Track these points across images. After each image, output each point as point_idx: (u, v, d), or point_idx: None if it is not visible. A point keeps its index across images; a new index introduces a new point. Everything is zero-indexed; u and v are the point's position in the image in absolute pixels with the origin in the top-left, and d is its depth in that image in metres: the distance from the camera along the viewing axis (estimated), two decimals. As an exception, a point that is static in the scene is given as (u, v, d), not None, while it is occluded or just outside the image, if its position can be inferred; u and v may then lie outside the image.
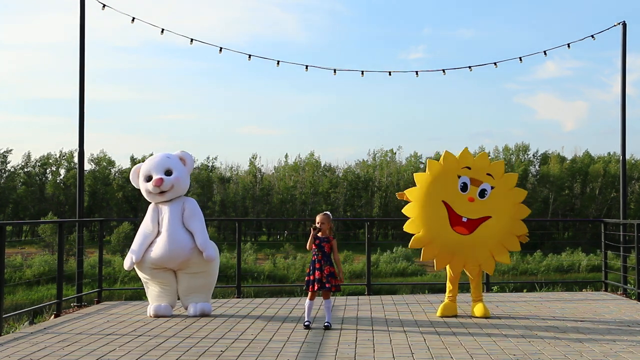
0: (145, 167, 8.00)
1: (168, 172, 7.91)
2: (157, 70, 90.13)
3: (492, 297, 9.41)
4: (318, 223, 7.16)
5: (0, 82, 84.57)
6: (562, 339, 6.42)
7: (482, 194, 7.67)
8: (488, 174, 7.73)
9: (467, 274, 7.74)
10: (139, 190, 8.14)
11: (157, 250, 7.67)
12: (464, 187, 7.71)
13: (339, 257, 7.28)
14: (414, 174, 8.12)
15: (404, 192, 7.93)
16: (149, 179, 7.90)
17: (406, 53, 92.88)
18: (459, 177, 7.74)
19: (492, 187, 7.68)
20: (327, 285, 7.03)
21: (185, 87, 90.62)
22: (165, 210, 7.84)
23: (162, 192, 7.83)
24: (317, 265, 7.08)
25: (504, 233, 7.64)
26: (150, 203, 8.00)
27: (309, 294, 7.14)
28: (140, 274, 7.91)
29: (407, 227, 7.75)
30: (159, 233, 7.80)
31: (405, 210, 7.82)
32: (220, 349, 5.97)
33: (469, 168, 7.76)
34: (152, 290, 7.94)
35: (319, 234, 7.15)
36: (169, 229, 7.71)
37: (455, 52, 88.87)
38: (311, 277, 7.09)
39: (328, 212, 7.36)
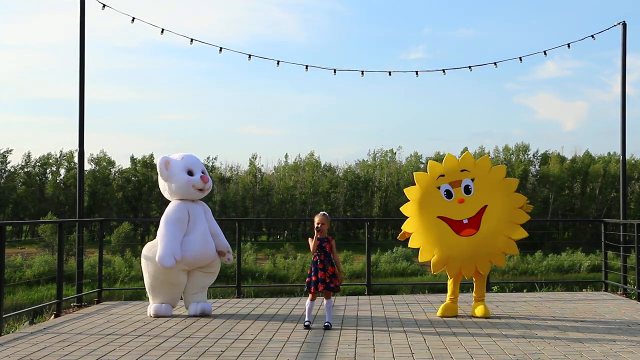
0: (185, 162, 7.97)
1: (204, 173, 8.06)
2: (157, 70, 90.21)
3: (492, 297, 9.41)
4: (318, 224, 7.16)
5: (0, 82, 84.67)
6: (562, 339, 6.42)
7: (467, 190, 7.72)
8: (463, 170, 7.79)
9: (477, 272, 7.68)
10: (138, 190, 8.18)
11: (193, 250, 7.65)
12: (449, 194, 7.74)
13: (339, 257, 7.30)
14: (401, 208, 8.00)
15: (402, 229, 7.92)
16: (190, 173, 7.93)
17: (406, 53, 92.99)
18: (439, 187, 7.78)
19: (472, 180, 7.74)
20: (331, 285, 7.03)
21: (185, 87, 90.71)
22: (195, 210, 7.90)
23: (200, 190, 7.92)
24: (320, 266, 7.07)
25: (507, 211, 7.61)
26: (171, 201, 7.97)
27: (310, 294, 7.13)
28: (155, 273, 7.68)
29: (421, 257, 7.76)
30: (186, 232, 7.79)
31: (411, 244, 7.82)
32: (220, 349, 5.97)
33: (443, 175, 7.81)
34: (157, 290, 7.84)
35: (320, 235, 7.16)
36: (204, 230, 7.83)
37: (455, 52, 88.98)
38: (313, 278, 7.07)
39: (325, 212, 7.38)
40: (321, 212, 7.33)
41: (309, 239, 7.20)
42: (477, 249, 7.59)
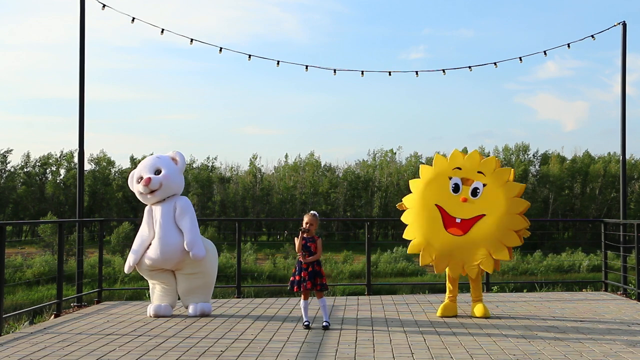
0: (136, 169, 8.04)
1: (157, 172, 7.88)
2: (157, 70, 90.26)
3: (492, 297, 9.41)
4: (306, 224, 7.15)
5: (0, 82, 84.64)
6: (562, 339, 6.42)
7: (475, 192, 7.64)
8: (479, 172, 7.69)
9: (467, 274, 7.72)
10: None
11: (150, 252, 7.68)
12: (456, 188, 7.70)
13: (320, 256, 7.21)
14: (410, 180, 8.08)
15: (402, 201, 7.99)
16: (139, 180, 7.90)
17: (406, 53, 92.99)
18: (450, 178, 7.75)
19: (484, 185, 7.63)
20: (317, 287, 7.05)
21: (185, 87, 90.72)
22: (157, 211, 7.81)
23: (152, 192, 7.79)
24: (304, 266, 7.08)
25: (500, 229, 7.48)
26: (147, 205, 8.00)
27: (302, 294, 7.14)
28: (142, 274, 7.95)
29: (405, 235, 7.80)
30: (154, 235, 7.80)
31: (403, 218, 7.86)
32: (220, 349, 5.97)
33: (460, 168, 7.75)
34: (154, 289, 7.99)
35: (306, 235, 7.15)
36: (160, 231, 7.70)
37: (455, 52, 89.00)
38: (297, 277, 7.10)
39: (315, 212, 7.35)
40: (311, 212, 7.31)
41: (295, 239, 7.20)
42: (455, 251, 7.57)
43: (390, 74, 12.22)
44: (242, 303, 8.98)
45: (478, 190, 7.64)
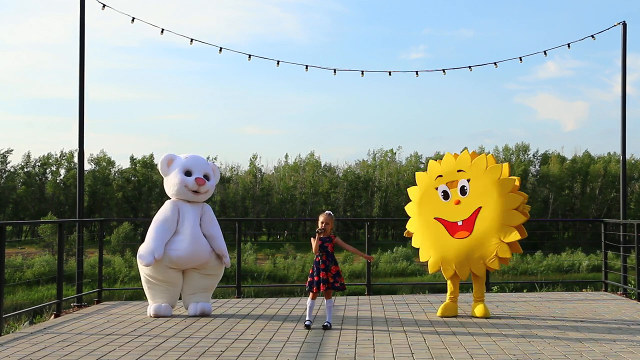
0: (186, 162, 8.00)
1: (206, 177, 8.03)
2: (157, 70, 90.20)
3: (492, 297, 9.41)
4: (322, 223, 7.14)
5: (0, 82, 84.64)
6: (562, 339, 6.42)
7: (463, 191, 7.68)
8: (459, 171, 7.75)
9: (473, 273, 7.67)
10: (138, 190, 8.18)
11: (179, 250, 7.66)
12: (446, 195, 7.77)
13: (352, 247, 7.41)
14: (405, 207, 8.19)
15: (407, 228, 8.12)
16: (188, 174, 7.92)
17: (406, 53, 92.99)
18: (437, 188, 7.82)
19: (468, 180, 7.66)
20: (336, 285, 7.04)
21: (185, 87, 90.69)
22: (187, 211, 7.87)
23: (196, 192, 7.88)
24: (322, 266, 7.06)
25: (501, 213, 7.44)
26: (169, 199, 8.02)
27: (311, 294, 7.12)
28: (147, 272, 7.76)
29: (420, 257, 7.91)
30: (175, 232, 7.79)
31: (414, 243, 8.00)
32: (220, 349, 5.97)
33: (441, 176, 7.83)
34: (153, 289, 7.88)
35: (322, 235, 7.14)
36: (193, 231, 7.76)
37: (455, 52, 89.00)
38: (315, 278, 7.05)
39: (330, 212, 7.35)
40: (326, 212, 7.29)
41: (312, 239, 7.18)
42: (470, 252, 7.56)
43: (390, 74, 12.25)
44: (242, 303, 8.98)
45: (465, 188, 7.68)
